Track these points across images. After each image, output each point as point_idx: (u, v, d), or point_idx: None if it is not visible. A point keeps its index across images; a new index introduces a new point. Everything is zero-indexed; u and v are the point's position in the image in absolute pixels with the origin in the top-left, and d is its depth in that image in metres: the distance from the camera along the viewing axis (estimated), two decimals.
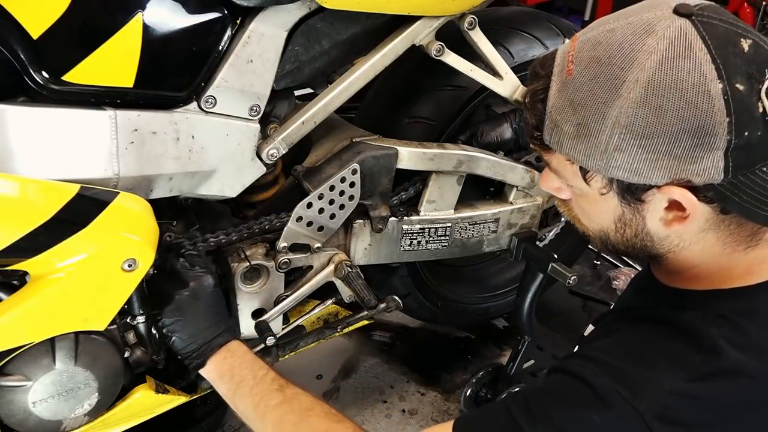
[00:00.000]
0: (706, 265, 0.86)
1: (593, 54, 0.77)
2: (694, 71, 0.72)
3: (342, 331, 1.50)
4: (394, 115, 1.65)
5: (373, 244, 1.55)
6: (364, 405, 1.96)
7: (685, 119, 0.73)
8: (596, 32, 0.80)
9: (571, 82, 0.79)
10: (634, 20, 0.77)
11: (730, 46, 0.73)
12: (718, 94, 0.72)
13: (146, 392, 1.31)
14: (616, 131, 0.75)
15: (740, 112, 0.72)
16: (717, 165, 0.74)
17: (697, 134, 0.73)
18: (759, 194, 0.76)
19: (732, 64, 0.73)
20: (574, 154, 0.80)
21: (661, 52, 0.73)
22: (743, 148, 0.73)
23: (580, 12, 4.05)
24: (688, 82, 0.72)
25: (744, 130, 0.73)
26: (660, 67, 0.73)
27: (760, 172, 0.76)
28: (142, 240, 1.16)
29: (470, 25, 1.46)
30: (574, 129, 0.79)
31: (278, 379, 1.14)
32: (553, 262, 1.61)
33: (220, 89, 1.24)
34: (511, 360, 1.87)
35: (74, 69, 1.10)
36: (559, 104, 0.80)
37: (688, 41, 0.73)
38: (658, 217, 0.82)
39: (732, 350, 0.80)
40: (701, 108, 0.72)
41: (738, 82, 0.72)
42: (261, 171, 1.37)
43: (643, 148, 0.75)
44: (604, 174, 0.80)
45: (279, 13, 1.25)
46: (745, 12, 3.95)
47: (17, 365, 1.15)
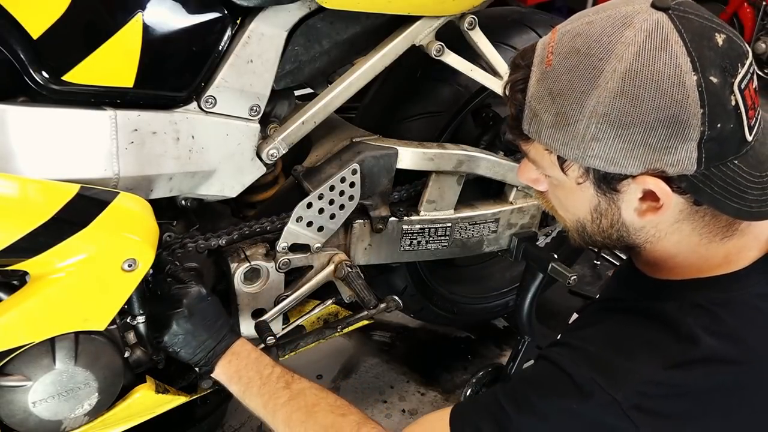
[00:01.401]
0: (683, 256, 0.88)
1: (572, 45, 0.79)
2: (671, 63, 0.74)
3: (342, 331, 1.50)
4: (394, 115, 1.65)
5: (373, 244, 1.55)
6: (364, 405, 1.96)
7: (660, 109, 0.74)
8: (576, 24, 0.82)
9: (550, 72, 0.80)
10: (612, 13, 0.78)
11: (705, 40, 0.75)
12: (693, 85, 0.74)
13: (146, 392, 1.30)
14: (593, 120, 0.77)
15: (714, 104, 0.74)
16: (690, 156, 0.76)
17: (671, 125, 0.74)
18: (730, 186, 0.77)
19: (706, 57, 0.74)
20: (552, 143, 0.82)
21: (638, 43, 0.75)
22: (716, 140, 0.75)
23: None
24: (664, 73, 0.74)
25: (717, 121, 0.74)
26: (637, 58, 0.75)
27: (732, 165, 0.77)
28: (142, 240, 1.16)
29: (470, 25, 1.46)
30: (553, 118, 0.80)
31: (284, 375, 1.16)
32: (553, 262, 1.61)
33: (220, 89, 1.24)
34: (511, 360, 1.87)
35: (74, 69, 1.10)
36: (538, 94, 0.82)
37: (664, 34, 0.75)
38: (633, 207, 0.84)
39: (708, 338, 0.81)
40: (676, 99, 0.74)
41: (712, 75, 0.74)
42: (261, 171, 1.37)
43: (619, 137, 0.76)
44: (581, 163, 0.81)
45: (279, 13, 1.25)
46: (745, 12, 3.95)
47: (17, 365, 1.15)
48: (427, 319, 2.06)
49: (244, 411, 1.85)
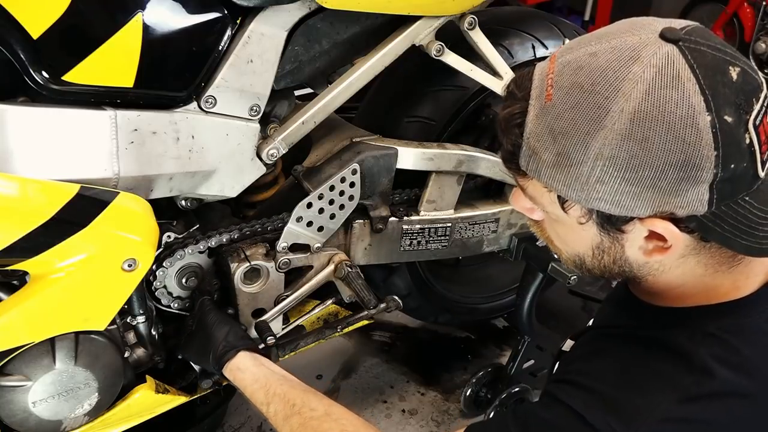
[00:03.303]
0: (689, 286, 0.84)
1: (575, 80, 0.74)
2: (682, 103, 0.69)
3: (342, 331, 1.50)
4: (394, 115, 1.65)
5: (373, 244, 1.55)
6: (364, 405, 1.96)
7: (671, 152, 0.70)
8: (577, 54, 0.75)
9: (551, 108, 0.75)
10: (617, 44, 0.73)
11: (719, 75, 0.70)
12: (707, 126, 0.69)
13: (146, 392, 1.31)
14: (599, 163, 0.72)
15: (728, 144, 0.70)
16: (702, 198, 0.72)
17: (683, 168, 0.70)
18: (740, 224, 0.74)
19: (721, 94, 0.70)
20: (553, 183, 0.77)
21: (647, 81, 0.70)
22: (729, 180, 0.71)
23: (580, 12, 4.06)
24: (675, 114, 0.69)
25: (730, 162, 0.71)
26: (646, 97, 0.70)
27: (743, 202, 0.74)
28: (142, 240, 1.16)
29: (470, 25, 1.46)
30: (554, 158, 0.75)
31: (285, 402, 1.11)
32: (553, 262, 1.61)
33: (220, 89, 1.24)
34: (511, 360, 1.87)
35: (74, 69, 1.10)
36: (537, 131, 0.76)
37: (675, 70, 0.70)
38: (638, 246, 0.80)
39: (723, 370, 0.78)
40: (688, 141, 0.69)
41: (726, 114, 0.70)
42: (261, 171, 1.37)
43: (626, 180, 0.72)
44: (585, 205, 0.77)
45: (279, 13, 1.25)
46: (745, 12, 3.95)
47: (17, 365, 1.15)
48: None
49: (244, 411, 1.86)
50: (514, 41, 1.64)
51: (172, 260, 1.33)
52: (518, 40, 1.65)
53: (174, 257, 1.33)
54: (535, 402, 0.91)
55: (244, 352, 1.21)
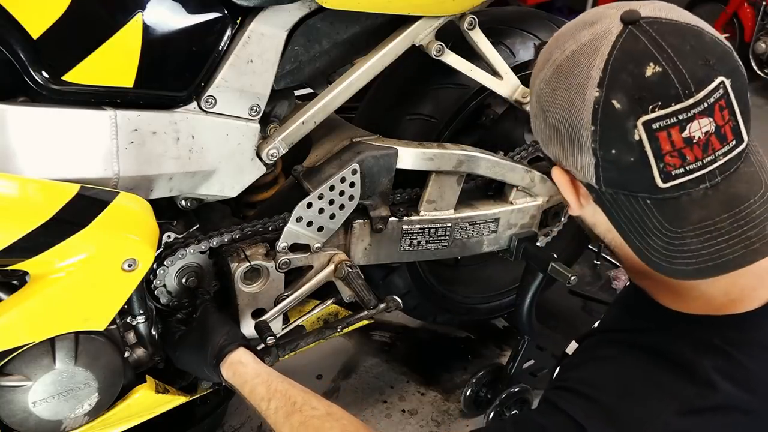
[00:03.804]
0: (685, 285, 0.84)
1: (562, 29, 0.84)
2: (585, 71, 0.75)
3: (342, 331, 1.50)
4: (394, 115, 1.65)
5: (373, 244, 1.55)
6: (364, 405, 1.96)
7: (563, 110, 0.77)
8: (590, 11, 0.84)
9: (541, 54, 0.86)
10: (600, 10, 0.80)
11: (631, 64, 0.73)
12: (591, 100, 0.74)
13: (146, 392, 1.31)
14: (534, 98, 0.83)
15: (607, 127, 0.73)
16: (589, 168, 0.77)
17: (569, 128, 0.77)
18: (636, 222, 0.77)
19: (620, 80, 0.73)
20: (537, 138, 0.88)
21: (579, 44, 0.77)
22: (613, 165, 0.75)
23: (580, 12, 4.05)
24: (576, 78, 0.76)
25: (611, 146, 0.74)
26: (570, 56, 0.77)
27: (643, 203, 0.76)
28: (142, 240, 1.16)
29: (470, 25, 1.46)
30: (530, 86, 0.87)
31: (287, 399, 1.10)
32: (553, 262, 1.61)
33: (220, 89, 1.24)
34: (511, 360, 1.87)
35: (74, 69, 1.10)
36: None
37: (600, 43, 0.75)
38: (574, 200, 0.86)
39: (726, 384, 0.78)
40: (575, 106, 0.75)
41: (616, 99, 0.73)
42: (261, 171, 1.37)
43: (544, 121, 0.81)
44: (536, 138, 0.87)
45: (279, 13, 1.25)
46: (745, 12, 3.95)
47: (17, 365, 1.15)
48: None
49: (244, 411, 1.86)
50: (514, 41, 1.64)
51: (172, 260, 1.33)
52: (518, 40, 1.65)
53: (174, 257, 1.33)
54: (534, 409, 0.91)
55: (244, 348, 1.21)
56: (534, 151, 1.71)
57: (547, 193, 1.72)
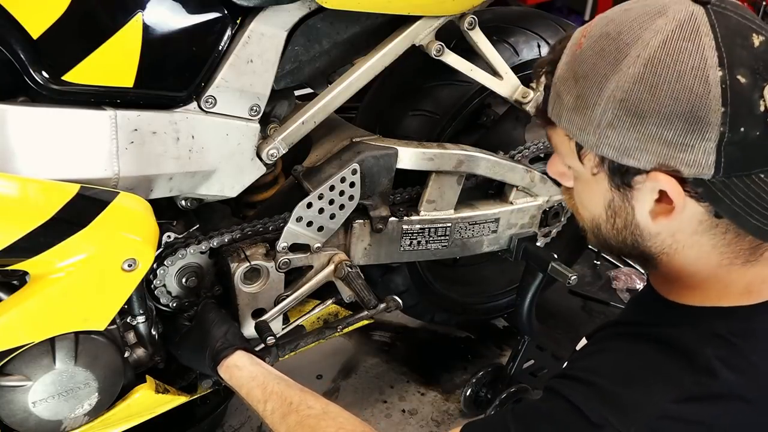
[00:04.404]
0: (702, 276, 0.84)
1: (604, 29, 0.78)
2: (696, 54, 0.71)
3: (342, 331, 1.50)
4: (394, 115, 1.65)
5: (373, 244, 1.55)
6: (364, 405, 1.96)
7: (678, 101, 0.71)
8: (614, 10, 0.80)
9: (579, 54, 0.79)
10: (651, 2, 0.77)
11: (738, 38, 0.72)
12: (716, 81, 0.70)
13: (146, 392, 1.31)
14: (611, 106, 0.75)
15: (738, 104, 0.70)
16: (708, 158, 0.72)
17: (689, 119, 0.71)
18: (753, 201, 0.73)
19: (737, 55, 0.71)
20: (571, 128, 0.80)
21: (667, 32, 0.73)
22: (738, 145, 0.71)
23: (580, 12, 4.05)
24: (687, 64, 0.71)
25: (740, 125, 0.71)
26: (663, 46, 0.72)
27: (757, 179, 0.74)
28: (142, 240, 1.16)
29: (470, 25, 1.46)
30: (573, 101, 0.78)
31: (283, 399, 1.10)
32: (553, 262, 1.61)
33: (220, 89, 1.24)
34: (511, 360, 1.87)
35: (74, 69, 1.10)
36: (564, 75, 0.80)
37: (696, 25, 0.72)
38: (647, 209, 0.80)
39: (726, 372, 0.77)
40: (696, 92, 0.71)
41: (740, 74, 0.70)
42: (261, 171, 1.37)
43: (634, 126, 0.74)
44: (596, 151, 0.79)
45: (279, 13, 1.25)
46: None
47: (17, 365, 1.15)
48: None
49: (244, 411, 1.86)
50: (514, 41, 1.64)
51: (172, 260, 1.33)
52: (518, 40, 1.65)
53: (174, 257, 1.33)
54: (539, 398, 0.91)
55: (241, 351, 1.21)
56: (535, 151, 1.71)
57: (547, 193, 1.72)
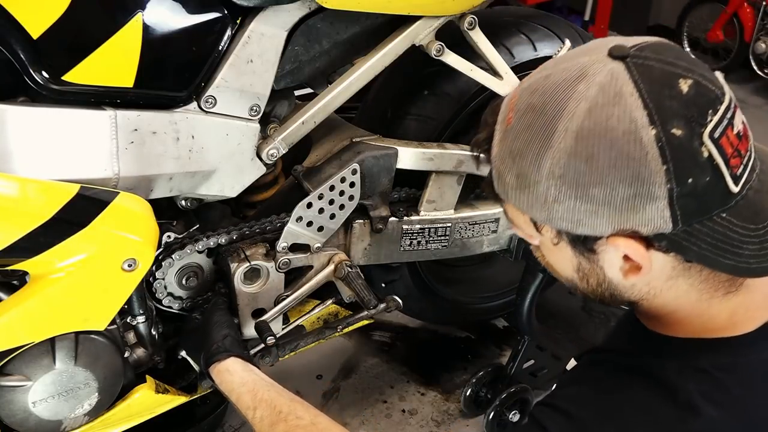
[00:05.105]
0: (685, 312, 0.81)
1: (529, 101, 0.74)
2: (624, 118, 0.68)
3: (342, 331, 1.50)
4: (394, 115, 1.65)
5: (373, 244, 1.55)
6: (364, 405, 1.96)
7: (618, 169, 0.68)
8: (535, 78, 0.76)
9: (510, 130, 0.76)
10: (569, 65, 0.73)
11: (665, 89, 0.69)
12: (651, 141, 0.67)
13: (146, 392, 1.31)
14: (552, 182, 0.72)
15: (679, 158, 0.68)
16: (662, 214, 0.70)
17: (633, 184, 0.68)
18: (720, 242, 0.71)
19: (667, 108, 0.68)
20: (520, 205, 0.77)
21: (590, 98, 0.69)
22: (690, 195, 0.69)
23: (580, 12, 4.06)
24: (618, 130, 0.68)
25: (687, 177, 0.68)
26: (589, 114, 0.69)
27: (720, 219, 0.71)
28: (142, 240, 1.16)
29: (470, 25, 1.46)
30: (515, 180, 0.76)
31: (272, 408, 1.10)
32: None
33: (220, 89, 1.24)
34: (511, 360, 1.87)
35: (74, 69, 1.10)
36: (501, 154, 0.77)
37: (618, 86, 0.69)
38: (617, 267, 0.77)
39: (710, 407, 0.75)
40: (634, 157, 0.68)
41: (674, 128, 0.68)
42: (261, 171, 1.37)
43: (579, 198, 0.71)
44: (550, 225, 0.76)
45: (279, 13, 1.25)
46: (745, 12, 3.95)
47: (17, 365, 1.15)
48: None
49: None
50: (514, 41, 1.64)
51: (172, 260, 1.33)
52: (518, 40, 1.65)
53: (174, 257, 1.33)
54: (523, 424, 0.90)
55: (234, 357, 1.19)
56: None
57: None
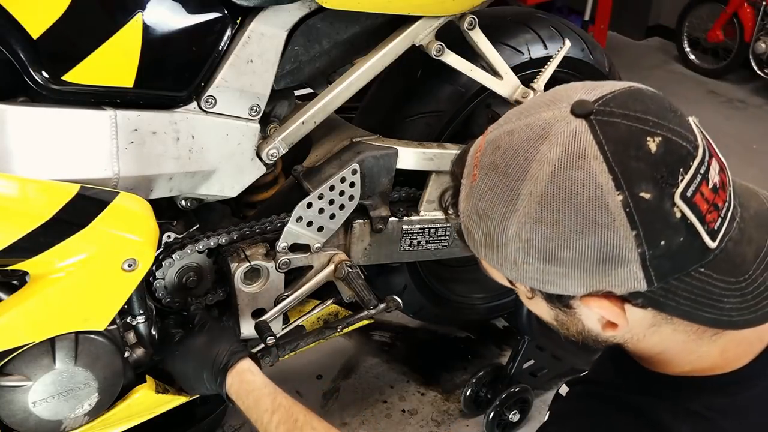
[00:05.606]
0: (674, 351, 0.78)
1: (492, 160, 0.72)
2: (588, 182, 0.65)
3: (342, 331, 1.50)
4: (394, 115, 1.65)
5: (373, 244, 1.55)
6: (364, 405, 1.96)
7: (585, 235, 0.66)
8: (498, 133, 0.73)
9: (476, 188, 0.73)
10: (532, 121, 0.70)
11: (632, 149, 0.65)
12: (618, 207, 0.64)
13: (146, 392, 1.31)
14: (519, 245, 0.69)
15: (649, 222, 0.65)
16: (636, 275, 0.67)
17: (602, 249, 0.66)
18: (699, 296, 0.68)
19: (633, 170, 0.64)
20: (491, 263, 0.75)
21: (553, 162, 0.66)
22: (664, 256, 0.66)
23: (580, 12, 4.05)
24: (583, 196, 0.65)
25: (659, 239, 0.65)
26: (552, 179, 0.66)
27: (697, 274, 0.68)
28: (142, 240, 1.16)
29: (470, 25, 1.46)
30: (483, 239, 0.73)
31: (289, 415, 1.10)
32: None
33: (220, 89, 1.24)
34: (511, 360, 1.87)
35: (74, 69, 1.10)
36: (467, 211, 0.75)
37: (582, 148, 0.66)
38: (595, 319, 0.75)
39: None
40: (601, 223, 0.65)
41: (642, 191, 0.64)
42: (261, 171, 1.37)
43: (549, 262, 0.68)
44: (522, 283, 0.74)
45: (279, 13, 1.25)
46: (745, 12, 3.94)
47: (17, 365, 1.15)
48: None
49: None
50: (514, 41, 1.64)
51: (172, 260, 1.33)
52: (518, 41, 1.65)
53: (174, 257, 1.33)
54: None
55: (250, 359, 1.21)
56: None
57: None
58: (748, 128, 3.56)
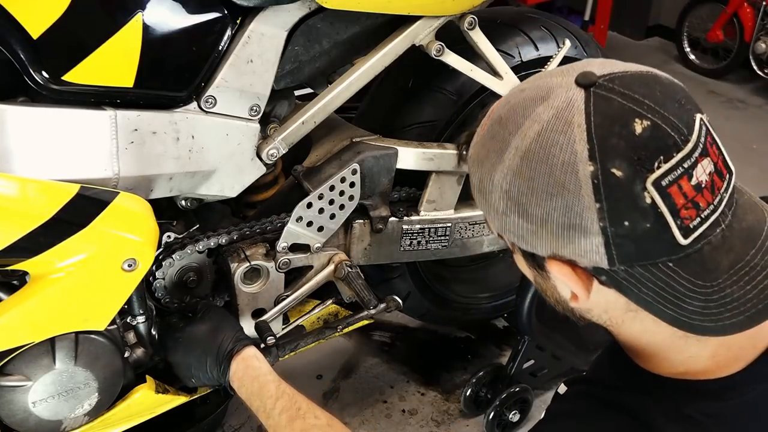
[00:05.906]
0: (659, 346, 0.79)
1: (500, 112, 0.75)
2: (567, 148, 0.67)
3: (342, 331, 1.50)
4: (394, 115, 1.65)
5: (373, 244, 1.55)
6: (364, 405, 1.97)
7: (553, 196, 0.68)
8: (515, 90, 0.77)
9: (482, 137, 0.76)
10: (542, 83, 0.72)
11: (616, 126, 0.66)
12: (587, 176, 0.66)
13: (146, 392, 1.31)
14: (500, 195, 0.72)
15: (615, 198, 0.66)
16: (598, 249, 0.68)
17: (567, 214, 0.68)
18: (662, 290, 0.69)
19: (612, 146, 0.66)
20: (481, 207, 0.78)
21: (543, 122, 0.69)
22: (627, 238, 0.67)
23: (580, 12, 4.05)
24: (558, 159, 0.67)
25: (622, 219, 0.66)
26: (537, 138, 0.69)
27: (665, 267, 0.68)
28: (142, 240, 1.16)
29: (470, 25, 1.46)
30: (477, 184, 0.77)
31: (293, 402, 1.11)
32: None
33: (220, 89, 1.24)
34: (511, 360, 1.87)
35: (74, 69, 1.10)
36: (471, 157, 0.78)
37: (570, 115, 0.68)
38: (567, 288, 0.76)
39: None
40: (568, 188, 0.67)
41: (615, 167, 0.65)
42: (261, 171, 1.37)
43: (521, 217, 0.71)
44: (502, 234, 0.76)
45: (279, 13, 1.25)
46: (745, 12, 3.95)
47: (17, 365, 1.15)
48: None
49: (244, 411, 1.86)
50: (514, 41, 1.64)
51: (172, 260, 1.33)
52: (518, 40, 1.65)
53: (174, 257, 1.33)
54: None
55: (254, 346, 1.23)
56: None
57: None
58: (748, 128, 3.56)
